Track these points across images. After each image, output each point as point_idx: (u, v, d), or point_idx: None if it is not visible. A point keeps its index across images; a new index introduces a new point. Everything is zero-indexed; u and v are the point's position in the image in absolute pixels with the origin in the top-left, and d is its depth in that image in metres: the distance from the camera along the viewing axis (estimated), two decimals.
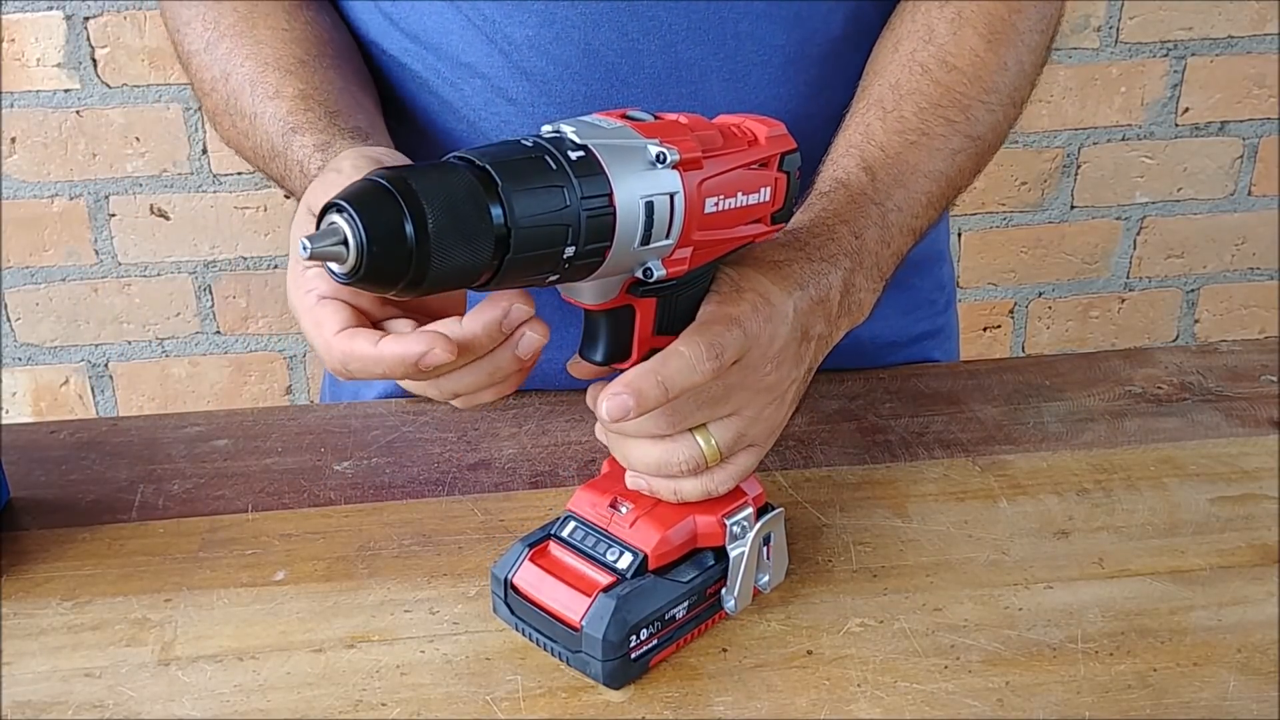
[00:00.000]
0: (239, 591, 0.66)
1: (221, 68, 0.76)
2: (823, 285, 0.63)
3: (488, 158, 0.48)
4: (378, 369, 0.53)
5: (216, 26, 0.77)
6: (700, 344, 0.56)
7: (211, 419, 0.83)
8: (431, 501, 0.73)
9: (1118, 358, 0.89)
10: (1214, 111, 1.69)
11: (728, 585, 0.62)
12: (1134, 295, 1.81)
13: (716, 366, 0.56)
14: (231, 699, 0.59)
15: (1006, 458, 0.77)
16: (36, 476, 0.76)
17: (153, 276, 1.63)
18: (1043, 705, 0.58)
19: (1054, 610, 0.64)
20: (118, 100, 1.53)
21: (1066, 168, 1.70)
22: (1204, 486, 0.74)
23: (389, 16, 0.80)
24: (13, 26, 1.48)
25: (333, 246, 0.46)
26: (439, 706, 0.58)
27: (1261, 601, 0.65)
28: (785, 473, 0.75)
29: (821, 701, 0.58)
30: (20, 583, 0.67)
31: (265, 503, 0.73)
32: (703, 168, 0.54)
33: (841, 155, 0.71)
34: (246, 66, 0.75)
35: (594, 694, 0.59)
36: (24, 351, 1.65)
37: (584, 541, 0.61)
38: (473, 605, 0.64)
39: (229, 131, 0.77)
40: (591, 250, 0.51)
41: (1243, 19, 1.63)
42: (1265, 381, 0.86)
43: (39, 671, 0.61)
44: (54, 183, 1.56)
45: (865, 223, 0.67)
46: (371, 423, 0.82)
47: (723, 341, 0.56)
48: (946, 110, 0.73)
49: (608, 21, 0.75)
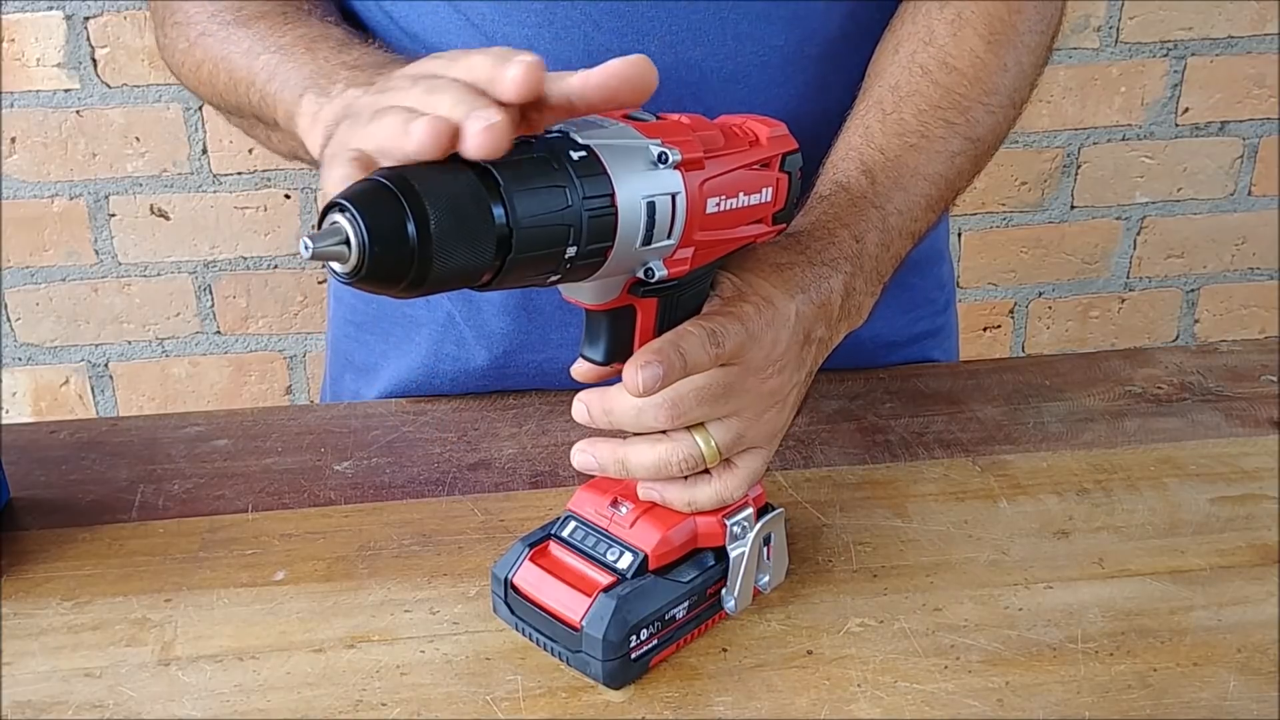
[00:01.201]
0: (239, 591, 0.66)
1: (222, 50, 0.76)
2: (824, 289, 0.63)
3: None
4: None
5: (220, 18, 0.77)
6: (705, 328, 0.57)
7: (211, 419, 0.83)
8: (431, 501, 0.73)
9: (1118, 358, 0.89)
10: (1214, 111, 1.69)
11: (728, 585, 0.62)
12: (1134, 295, 1.81)
13: (718, 353, 0.57)
14: (231, 699, 0.59)
15: (1006, 458, 0.77)
16: (36, 476, 0.76)
17: (153, 276, 1.63)
18: (1043, 705, 0.58)
19: (1054, 610, 0.64)
20: (118, 100, 1.53)
21: (1066, 168, 1.70)
22: (1204, 486, 0.74)
23: (389, 15, 0.80)
24: (13, 26, 1.48)
25: (334, 246, 0.46)
26: (439, 706, 0.58)
27: (1261, 601, 0.65)
28: (785, 473, 0.75)
29: (821, 701, 0.58)
30: (20, 583, 0.67)
31: (265, 503, 0.73)
32: (704, 168, 0.54)
33: (841, 158, 0.71)
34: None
35: (594, 694, 0.59)
36: (24, 351, 1.65)
37: (584, 541, 0.61)
38: (473, 605, 0.64)
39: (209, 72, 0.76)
40: (593, 250, 0.51)
41: (1243, 19, 1.63)
42: (1265, 381, 0.86)
43: (39, 671, 0.61)
44: (54, 183, 1.56)
45: (865, 226, 0.67)
46: (371, 423, 0.82)
47: (724, 331, 0.57)
48: (946, 112, 0.73)
49: (607, 22, 0.75)
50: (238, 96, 0.74)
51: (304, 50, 0.69)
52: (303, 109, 0.65)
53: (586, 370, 0.59)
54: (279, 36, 0.72)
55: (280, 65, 0.70)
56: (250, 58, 0.72)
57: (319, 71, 0.67)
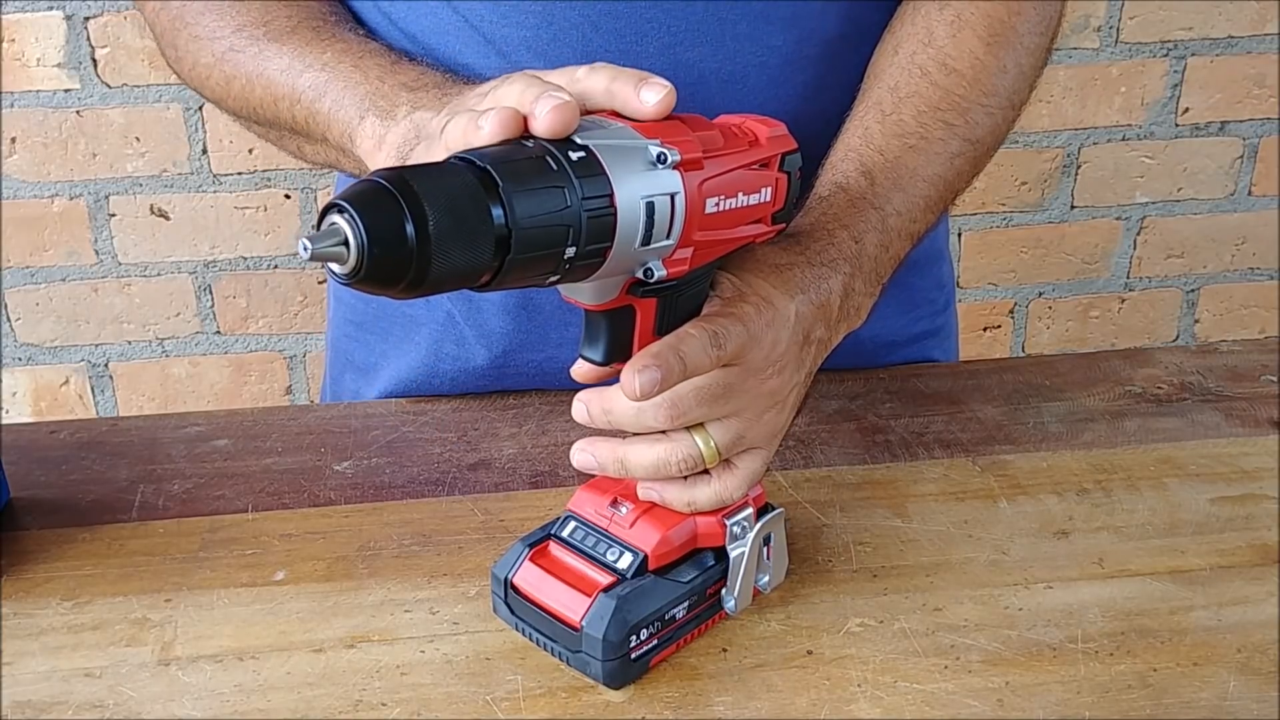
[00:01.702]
0: (239, 591, 0.66)
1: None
2: (823, 290, 0.63)
3: (488, 158, 0.48)
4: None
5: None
6: (706, 330, 0.57)
7: (211, 419, 0.83)
8: (431, 501, 0.73)
9: (1118, 358, 0.89)
10: (1214, 111, 1.69)
11: (728, 585, 0.62)
12: (1134, 295, 1.81)
13: (719, 355, 0.57)
14: (231, 699, 0.59)
15: (1006, 458, 0.77)
16: (36, 476, 0.76)
17: (153, 276, 1.63)
18: (1043, 705, 0.58)
19: (1054, 610, 0.64)
20: (118, 100, 1.53)
21: (1066, 168, 1.70)
22: (1204, 486, 0.74)
23: (388, 16, 0.80)
24: (13, 26, 1.48)
25: (333, 247, 0.46)
26: (439, 706, 0.58)
27: (1261, 601, 0.65)
28: (785, 473, 0.76)
29: (821, 701, 0.58)
30: (20, 583, 0.67)
31: (265, 503, 0.73)
32: (703, 168, 0.54)
33: (841, 159, 0.71)
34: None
35: (594, 694, 0.59)
36: (24, 351, 1.65)
37: (584, 541, 0.61)
38: (473, 605, 0.64)
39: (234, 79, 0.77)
40: (592, 251, 0.51)
41: (1243, 19, 1.63)
42: (1265, 381, 0.86)
43: (39, 671, 0.61)
44: (54, 183, 1.56)
45: (864, 227, 0.67)
46: (371, 423, 0.82)
47: (726, 333, 0.57)
48: (946, 114, 0.73)
49: (605, 23, 0.75)
50: (277, 112, 0.74)
51: (352, 68, 0.70)
52: (365, 131, 0.66)
53: (586, 371, 0.59)
54: (320, 53, 0.72)
55: (330, 84, 0.70)
56: (292, 75, 0.73)
57: (377, 93, 0.68)
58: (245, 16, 0.77)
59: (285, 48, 0.74)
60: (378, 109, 0.67)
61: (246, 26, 0.76)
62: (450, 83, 0.68)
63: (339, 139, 0.69)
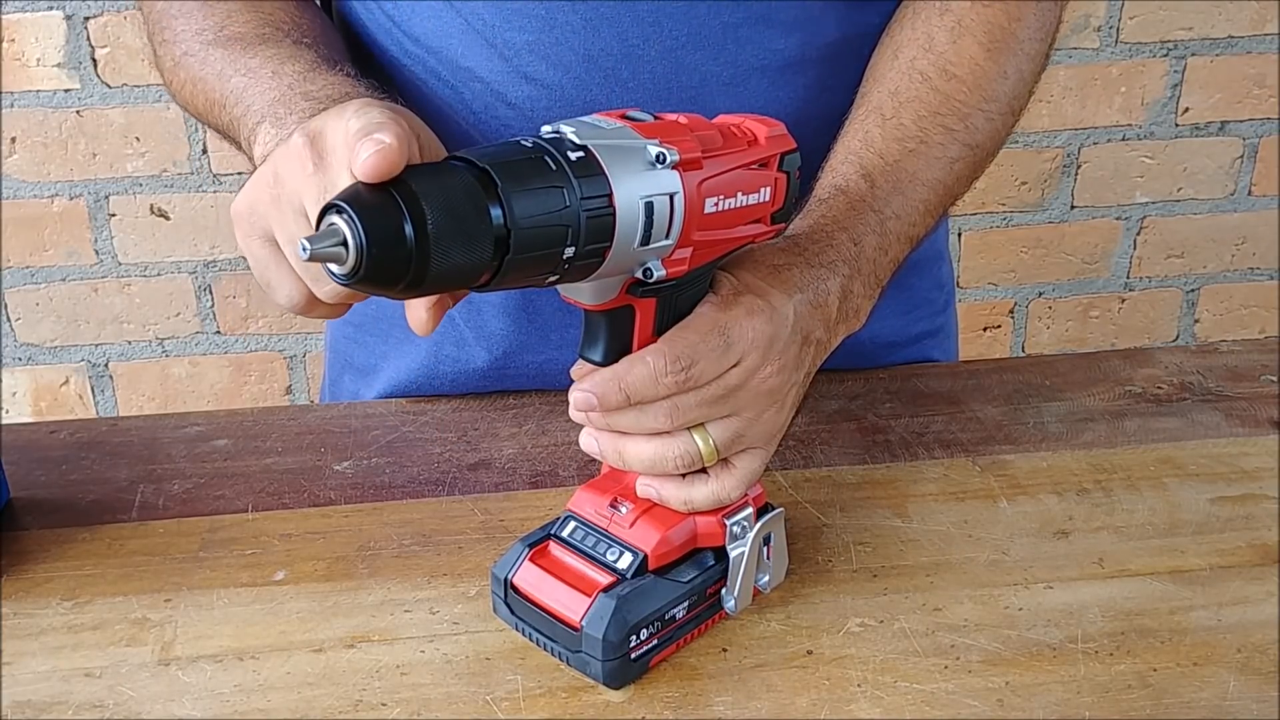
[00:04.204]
0: (239, 591, 0.66)
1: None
2: (821, 290, 0.63)
3: (487, 158, 0.48)
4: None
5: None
6: (665, 355, 0.56)
7: (211, 419, 0.83)
8: (431, 501, 0.73)
9: (1118, 358, 0.89)
10: (1214, 111, 1.69)
11: (728, 585, 0.62)
12: (1134, 295, 1.81)
13: (681, 379, 0.57)
14: (231, 699, 0.59)
15: (1006, 458, 0.77)
16: (36, 476, 0.76)
17: (153, 276, 1.63)
18: (1043, 705, 0.58)
19: (1054, 610, 0.64)
20: (118, 100, 1.53)
21: (1066, 168, 1.70)
22: (1204, 486, 0.74)
23: (391, 18, 0.80)
24: (13, 26, 1.48)
25: (332, 248, 0.46)
26: (439, 706, 0.58)
27: (1261, 601, 0.65)
28: (785, 473, 0.76)
29: (821, 701, 0.58)
30: (20, 583, 0.67)
31: (265, 503, 0.73)
32: (702, 168, 0.54)
33: (841, 162, 0.71)
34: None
35: (594, 694, 0.59)
36: (24, 351, 1.65)
37: (584, 541, 0.61)
38: (473, 605, 0.64)
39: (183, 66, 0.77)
40: (591, 251, 0.51)
41: (1243, 19, 1.63)
42: (1265, 381, 0.86)
43: (39, 671, 0.61)
44: (54, 183, 1.56)
45: (864, 230, 0.67)
46: (371, 423, 0.82)
47: (694, 353, 0.57)
48: (946, 118, 0.73)
49: (608, 26, 0.75)
50: (214, 118, 0.74)
51: (271, 74, 0.70)
52: (260, 137, 0.66)
53: (586, 371, 0.59)
54: (249, 58, 0.72)
55: (247, 89, 0.70)
56: (222, 80, 0.73)
57: (279, 100, 0.67)
58: (205, 21, 0.77)
59: (224, 53, 0.74)
60: (274, 117, 0.66)
61: (204, 31, 0.77)
62: (351, 97, 0.65)
63: (246, 145, 0.69)
